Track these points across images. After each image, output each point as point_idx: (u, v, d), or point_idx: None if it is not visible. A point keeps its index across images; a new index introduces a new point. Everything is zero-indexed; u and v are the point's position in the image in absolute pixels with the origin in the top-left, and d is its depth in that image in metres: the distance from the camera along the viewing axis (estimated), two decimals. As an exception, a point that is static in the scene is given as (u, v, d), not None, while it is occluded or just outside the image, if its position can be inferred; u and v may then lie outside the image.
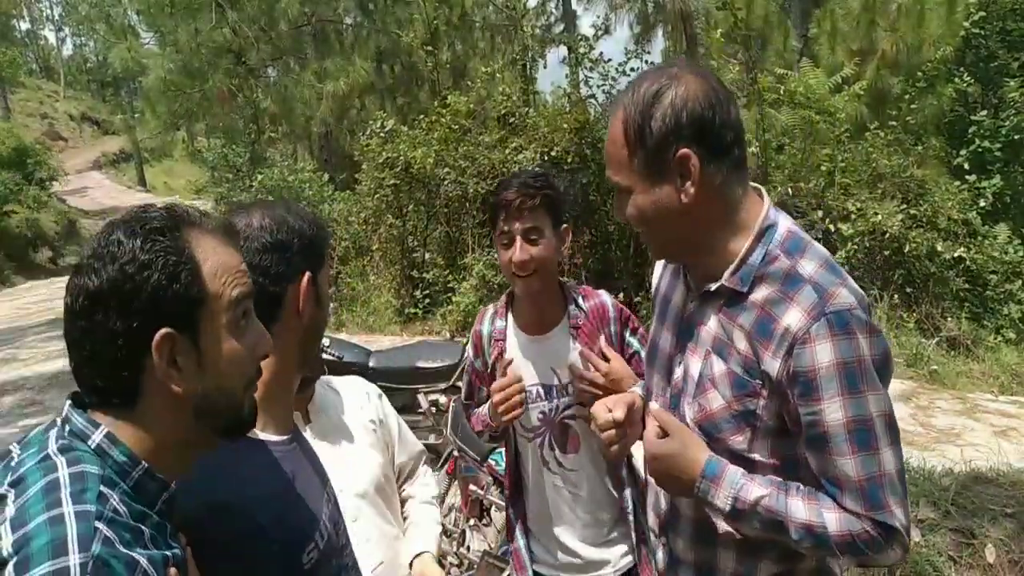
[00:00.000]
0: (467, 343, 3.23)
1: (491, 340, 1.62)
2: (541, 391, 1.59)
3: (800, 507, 0.99)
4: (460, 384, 3.06)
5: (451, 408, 2.72)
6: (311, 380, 1.43)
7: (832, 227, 6.38)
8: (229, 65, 10.31)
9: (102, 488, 0.68)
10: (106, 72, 32.97)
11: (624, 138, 1.03)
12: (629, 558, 1.62)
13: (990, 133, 7.83)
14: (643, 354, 1.55)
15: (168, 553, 0.72)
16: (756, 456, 1.04)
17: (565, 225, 1.57)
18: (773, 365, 0.99)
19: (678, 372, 1.14)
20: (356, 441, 1.48)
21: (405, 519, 1.58)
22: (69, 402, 0.76)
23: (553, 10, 14.57)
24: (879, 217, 6.26)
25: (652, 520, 1.26)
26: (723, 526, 1.10)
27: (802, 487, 1.02)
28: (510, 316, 1.64)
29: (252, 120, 12.05)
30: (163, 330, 0.72)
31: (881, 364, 0.98)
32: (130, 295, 0.71)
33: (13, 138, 17.65)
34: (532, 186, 1.49)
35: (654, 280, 1.31)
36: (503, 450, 1.86)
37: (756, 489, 1.01)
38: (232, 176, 10.58)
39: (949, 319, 6.23)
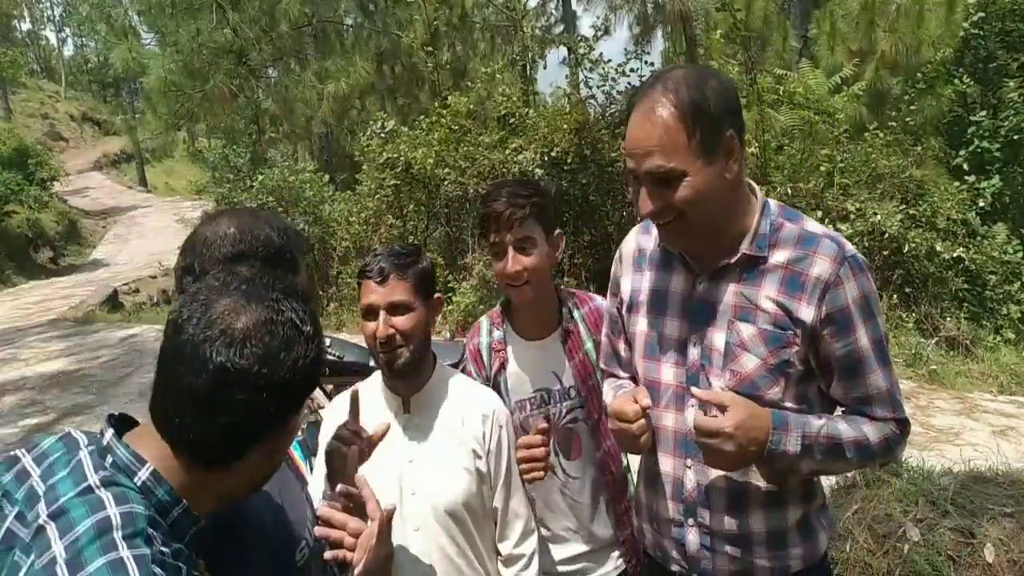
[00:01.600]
0: (463, 355, 3.23)
1: (491, 351, 1.61)
2: (544, 396, 1.58)
3: (846, 428, 1.15)
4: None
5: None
6: (384, 367, 1.40)
7: (831, 227, 6.39)
8: (230, 66, 10.32)
9: (149, 529, 0.67)
10: (107, 73, 33.00)
11: (682, 121, 1.06)
12: (621, 562, 1.62)
13: (989, 133, 7.85)
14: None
15: None
16: (787, 403, 1.16)
17: (559, 231, 1.56)
18: (808, 312, 1.12)
19: (694, 352, 1.20)
20: (446, 453, 1.41)
21: None
22: (111, 430, 0.74)
23: (553, 11, 14.59)
24: (878, 217, 6.27)
25: (674, 509, 1.27)
26: (760, 484, 1.19)
27: (834, 415, 1.18)
28: (507, 324, 1.63)
29: (253, 120, 12.06)
30: (293, 412, 0.74)
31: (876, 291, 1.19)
32: (296, 386, 0.71)
33: (14, 138, 17.65)
34: (521, 195, 1.47)
35: (626, 285, 1.34)
36: None
37: (815, 421, 1.14)
38: (233, 176, 10.57)
39: (948, 319, 6.25)
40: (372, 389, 1.49)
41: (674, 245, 1.23)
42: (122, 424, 0.77)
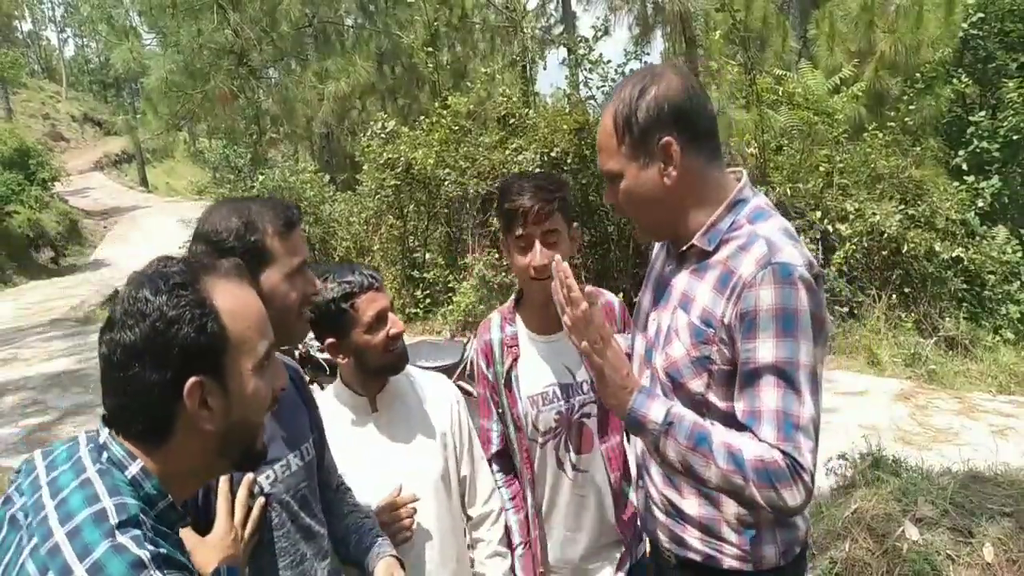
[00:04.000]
0: (468, 343, 3.25)
1: (503, 347, 1.61)
2: (558, 391, 1.59)
3: (722, 429, 1.10)
4: (461, 384, 3.08)
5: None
6: (384, 372, 1.47)
7: (831, 227, 6.40)
8: (231, 66, 10.31)
9: (141, 516, 0.75)
10: (108, 73, 33.02)
11: (614, 128, 1.16)
12: (626, 560, 1.64)
13: (988, 134, 7.84)
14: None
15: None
16: (712, 399, 1.14)
17: (576, 225, 1.59)
18: (727, 310, 1.11)
19: (652, 328, 1.27)
20: (419, 438, 1.49)
21: (472, 546, 1.57)
22: (107, 430, 0.82)
23: (553, 12, 14.58)
24: (877, 217, 6.28)
25: (634, 468, 1.39)
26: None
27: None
28: (519, 320, 1.64)
29: (253, 121, 12.07)
30: (193, 379, 0.78)
31: (817, 323, 1.07)
32: (162, 349, 0.78)
33: (15, 139, 17.65)
34: (547, 190, 1.50)
35: (653, 257, 1.43)
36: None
37: (686, 410, 1.13)
38: (234, 177, 10.59)
39: (947, 319, 6.25)
40: (328, 399, 1.54)
41: (638, 235, 1.34)
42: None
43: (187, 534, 0.99)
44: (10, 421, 5.55)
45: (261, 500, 1.11)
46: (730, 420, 1.12)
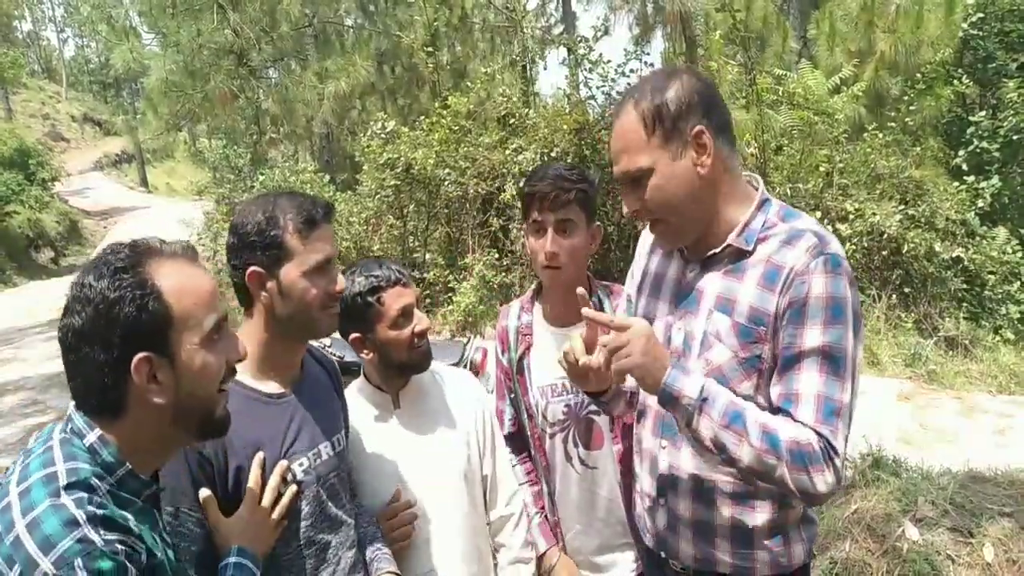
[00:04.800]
0: (468, 343, 3.27)
1: (518, 335, 1.63)
2: (568, 384, 1.58)
3: (755, 408, 1.09)
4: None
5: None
6: (408, 370, 1.46)
7: (831, 227, 6.41)
8: (230, 66, 10.31)
9: (92, 480, 0.81)
10: (108, 73, 33.02)
11: (642, 122, 1.12)
12: (635, 562, 1.62)
13: (988, 134, 7.82)
14: None
15: (154, 535, 0.86)
16: (761, 400, 1.12)
17: (597, 223, 1.59)
18: (777, 302, 1.09)
19: (677, 338, 1.22)
20: (441, 436, 1.48)
21: (495, 550, 1.56)
22: (73, 403, 0.87)
23: (553, 12, 14.58)
24: (877, 217, 6.28)
25: (648, 485, 1.31)
26: (728, 478, 1.17)
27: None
28: (536, 309, 1.65)
29: (253, 121, 12.07)
30: (139, 355, 0.83)
31: (856, 316, 1.09)
32: (105, 330, 0.82)
33: (15, 139, 17.66)
34: (568, 179, 1.50)
35: (638, 268, 1.38)
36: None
37: (721, 387, 1.10)
38: (234, 177, 10.59)
39: (947, 319, 6.25)
40: (351, 395, 1.53)
41: (668, 245, 1.27)
42: None
43: (213, 512, 1.05)
44: (10, 421, 5.55)
45: (293, 488, 1.14)
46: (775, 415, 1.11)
